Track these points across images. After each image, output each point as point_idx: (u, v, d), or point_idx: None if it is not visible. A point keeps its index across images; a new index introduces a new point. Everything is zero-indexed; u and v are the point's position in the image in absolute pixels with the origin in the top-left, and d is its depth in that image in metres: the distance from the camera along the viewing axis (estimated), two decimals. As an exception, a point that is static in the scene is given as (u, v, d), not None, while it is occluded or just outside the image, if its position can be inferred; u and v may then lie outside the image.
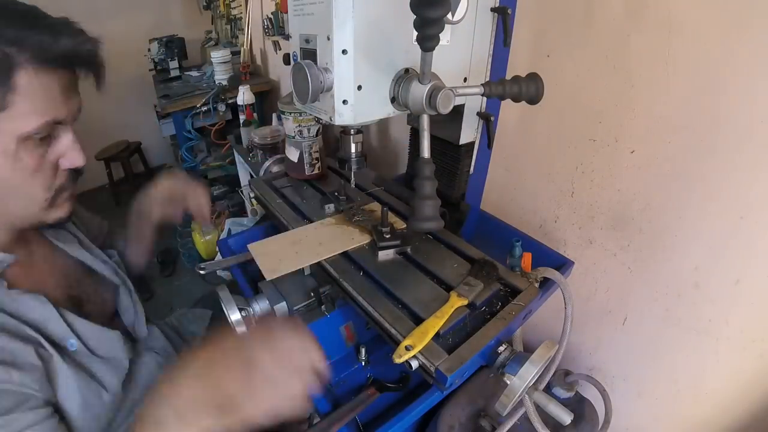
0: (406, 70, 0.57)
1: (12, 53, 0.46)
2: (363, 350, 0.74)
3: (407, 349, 0.53)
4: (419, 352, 0.53)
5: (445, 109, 0.52)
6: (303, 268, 0.75)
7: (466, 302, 0.60)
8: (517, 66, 0.89)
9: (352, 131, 0.69)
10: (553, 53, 0.86)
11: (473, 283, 0.63)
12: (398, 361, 0.52)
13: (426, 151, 0.53)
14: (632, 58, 0.74)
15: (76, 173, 0.60)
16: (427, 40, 0.44)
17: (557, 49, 0.85)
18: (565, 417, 0.58)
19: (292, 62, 0.60)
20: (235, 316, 0.62)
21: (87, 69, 0.55)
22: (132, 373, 0.67)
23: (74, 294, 0.65)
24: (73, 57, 0.52)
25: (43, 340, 0.54)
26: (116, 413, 0.63)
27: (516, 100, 0.55)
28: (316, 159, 0.99)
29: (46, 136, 0.53)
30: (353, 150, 0.71)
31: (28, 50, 0.47)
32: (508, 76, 0.81)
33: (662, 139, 0.74)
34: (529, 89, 0.54)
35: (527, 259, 0.69)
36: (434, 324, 0.56)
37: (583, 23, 0.79)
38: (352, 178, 0.76)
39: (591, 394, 0.83)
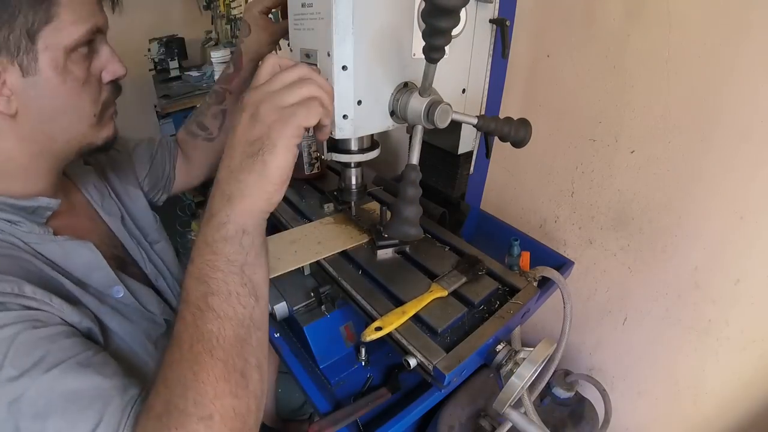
0: (405, 84, 0.58)
1: None
2: (363, 350, 0.74)
3: (377, 329, 0.55)
4: (418, 351, 0.53)
5: (442, 123, 0.53)
6: (303, 268, 0.75)
7: (445, 293, 0.61)
8: (518, 66, 0.89)
9: (352, 164, 0.70)
10: (553, 53, 0.86)
11: (456, 276, 0.64)
12: (365, 340, 0.54)
13: (414, 158, 0.54)
14: (632, 58, 0.74)
15: (117, 89, 0.60)
16: (434, 51, 0.45)
17: (557, 50, 0.85)
18: None
19: None
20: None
21: None
22: (167, 334, 0.65)
23: (118, 254, 0.64)
24: None
25: (90, 287, 0.53)
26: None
27: (503, 139, 0.58)
28: (316, 158, 0.99)
29: (88, 50, 0.53)
30: (354, 182, 0.73)
31: None
32: (508, 78, 0.82)
33: (662, 139, 0.74)
34: (518, 133, 0.56)
35: (525, 258, 0.69)
36: (409, 309, 0.58)
37: (583, 23, 0.79)
38: (353, 209, 0.79)
39: (591, 394, 0.83)
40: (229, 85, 0.81)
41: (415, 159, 0.54)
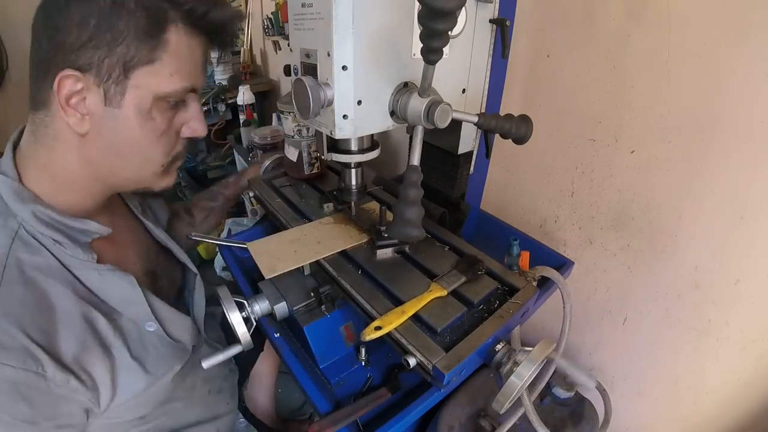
0: (405, 84, 0.58)
1: (166, 8, 0.46)
2: (363, 350, 0.74)
3: (376, 329, 0.55)
4: (417, 350, 0.53)
5: (442, 123, 0.53)
6: (303, 269, 0.75)
7: (445, 293, 0.61)
8: (518, 66, 0.89)
9: (352, 164, 0.70)
10: (553, 53, 0.86)
11: (456, 276, 0.64)
12: (365, 339, 0.54)
13: (415, 159, 0.54)
14: (632, 58, 0.74)
15: (191, 145, 0.60)
16: (432, 53, 0.45)
17: (557, 49, 0.85)
18: (590, 382, 0.57)
19: (292, 74, 0.61)
20: (235, 316, 0.62)
21: (222, 43, 0.55)
22: (192, 360, 0.67)
23: (152, 269, 0.65)
24: (219, 27, 0.52)
25: (119, 320, 0.54)
26: (173, 392, 0.63)
27: (504, 136, 0.57)
28: (315, 158, 0.99)
29: (177, 102, 0.52)
30: (354, 183, 0.73)
31: (181, 11, 0.47)
32: (508, 78, 0.82)
33: (662, 139, 0.74)
34: (519, 129, 0.56)
35: (525, 257, 0.69)
36: (408, 309, 0.58)
37: (583, 23, 0.79)
38: (353, 209, 0.79)
39: (591, 394, 0.83)
40: (226, 190, 0.88)
41: (416, 160, 0.54)
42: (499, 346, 0.58)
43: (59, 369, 0.45)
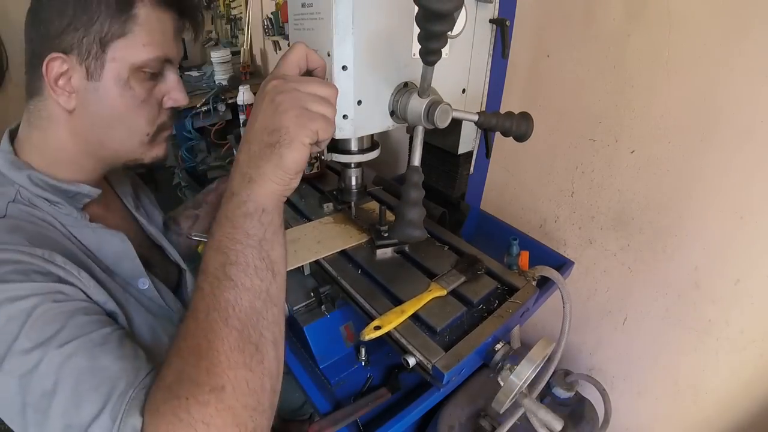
0: (405, 84, 0.58)
1: None
2: (363, 350, 0.74)
3: (376, 328, 0.55)
4: (417, 350, 0.53)
5: (442, 123, 0.53)
6: (303, 268, 0.75)
7: (444, 292, 0.61)
8: (518, 66, 0.89)
9: (352, 164, 0.70)
10: (553, 53, 0.86)
11: (455, 275, 0.65)
12: (364, 339, 0.54)
13: (416, 160, 0.54)
14: (632, 58, 0.74)
15: (175, 115, 0.62)
16: (431, 54, 0.45)
17: (557, 49, 0.85)
18: (556, 425, 0.57)
19: None
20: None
21: (191, 19, 0.59)
22: None
23: (145, 254, 0.65)
24: (184, 3, 0.56)
25: (116, 274, 0.55)
26: None
27: (505, 134, 0.57)
28: (315, 158, 0.99)
29: (155, 73, 0.55)
30: (354, 183, 0.73)
31: None
32: (508, 78, 0.82)
33: (662, 139, 0.74)
34: (520, 127, 0.56)
35: (524, 257, 0.69)
36: (408, 308, 0.58)
37: (583, 23, 0.79)
38: (353, 209, 0.79)
39: (591, 394, 0.83)
40: (207, 197, 0.89)
41: (416, 161, 0.54)
42: (498, 346, 0.58)
43: (66, 261, 0.46)
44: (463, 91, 0.68)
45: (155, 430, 0.34)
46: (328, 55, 0.52)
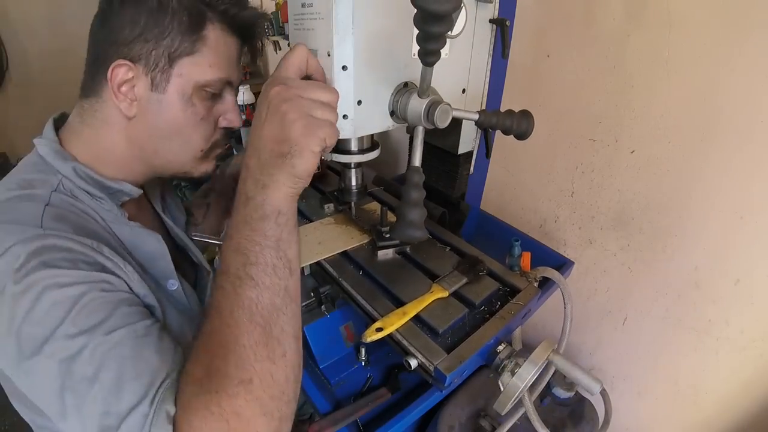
0: (405, 84, 0.58)
1: (204, 9, 0.53)
2: (363, 350, 0.74)
3: (378, 330, 0.55)
4: (419, 351, 0.53)
5: (442, 123, 0.53)
6: (303, 268, 0.75)
7: (446, 294, 0.61)
8: (518, 66, 0.89)
9: (352, 165, 0.70)
10: (553, 53, 0.86)
11: (457, 277, 0.65)
12: (366, 341, 0.54)
13: (417, 160, 0.54)
14: (632, 58, 0.74)
15: (229, 135, 0.64)
16: (430, 55, 0.45)
17: (557, 49, 0.85)
18: (594, 386, 0.57)
19: None
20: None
21: (252, 46, 0.61)
22: None
23: (171, 255, 0.67)
24: (249, 29, 0.58)
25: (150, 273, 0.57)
26: None
27: (506, 133, 0.58)
28: (316, 159, 0.99)
29: (215, 94, 0.57)
30: (354, 183, 0.73)
31: (217, 12, 0.54)
32: (508, 78, 0.82)
33: (662, 139, 0.74)
34: (521, 125, 0.56)
35: (526, 258, 0.69)
36: (410, 310, 0.58)
37: (583, 23, 0.79)
38: (353, 209, 0.79)
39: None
40: (215, 185, 0.91)
41: (417, 161, 0.54)
42: (500, 348, 0.58)
43: (113, 253, 0.47)
44: (463, 91, 0.68)
45: (189, 424, 0.35)
46: (328, 55, 0.52)
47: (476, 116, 0.56)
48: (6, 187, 0.50)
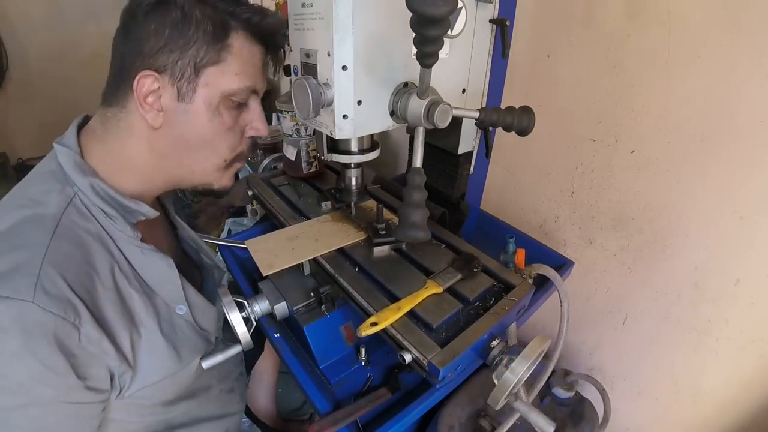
0: (405, 84, 0.58)
1: (228, 18, 0.53)
2: (363, 350, 0.74)
3: (372, 325, 0.55)
4: (413, 346, 0.53)
5: (442, 123, 0.53)
6: (303, 269, 0.76)
7: (440, 290, 0.61)
8: (518, 66, 0.89)
9: (352, 165, 0.70)
10: (553, 53, 0.86)
11: (452, 273, 0.65)
12: (360, 335, 0.54)
13: (418, 161, 0.54)
14: (632, 58, 0.74)
15: (253, 146, 0.65)
16: (427, 58, 0.45)
17: (557, 49, 0.85)
18: (548, 427, 0.57)
19: (292, 75, 0.62)
20: (234, 315, 0.62)
21: (274, 54, 0.61)
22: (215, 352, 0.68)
23: (180, 262, 0.67)
24: (273, 36, 0.58)
25: (156, 299, 0.57)
26: (192, 385, 0.66)
27: (507, 129, 0.57)
28: (314, 157, 0.99)
29: (241, 103, 0.57)
30: (354, 183, 0.73)
31: (240, 20, 0.54)
32: (508, 78, 0.82)
33: (662, 139, 0.74)
34: (522, 121, 0.56)
35: (521, 255, 0.69)
36: (404, 305, 0.58)
37: (583, 23, 0.79)
38: (353, 209, 0.79)
39: (591, 394, 0.83)
40: (205, 207, 0.95)
41: (418, 162, 0.54)
42: (494, 343, 0.58)
43: (94, 326, 0.48)
44: (463, 91, 0.68)
45: None
46: (328, 55, 0.52)
47: (477, 114, 0.56)
48: (17, 203, 0.50)
